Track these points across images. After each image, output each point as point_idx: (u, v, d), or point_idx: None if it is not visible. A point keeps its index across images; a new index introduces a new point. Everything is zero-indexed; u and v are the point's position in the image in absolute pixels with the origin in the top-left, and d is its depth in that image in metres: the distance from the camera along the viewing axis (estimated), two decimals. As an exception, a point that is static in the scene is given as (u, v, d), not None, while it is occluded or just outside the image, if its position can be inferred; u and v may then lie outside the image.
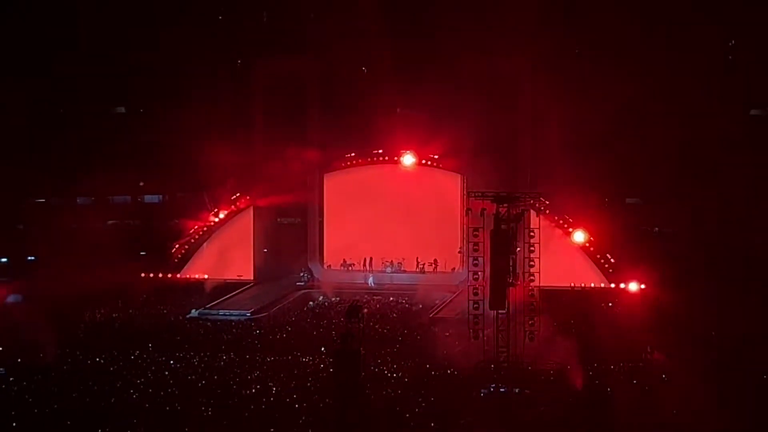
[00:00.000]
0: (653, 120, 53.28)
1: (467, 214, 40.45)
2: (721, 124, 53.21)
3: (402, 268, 55.79)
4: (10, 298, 48.42)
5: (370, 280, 54.72)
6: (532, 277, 38.38)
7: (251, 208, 56.48)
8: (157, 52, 54.52)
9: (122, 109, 59.03)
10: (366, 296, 51.21)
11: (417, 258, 55.64)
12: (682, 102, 52.78)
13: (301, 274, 55.08)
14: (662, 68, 52.97)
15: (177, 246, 55.71)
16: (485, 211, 37.69)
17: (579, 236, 53.00)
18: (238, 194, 56.21)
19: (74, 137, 54.62)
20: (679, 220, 53.83)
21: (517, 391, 35.01)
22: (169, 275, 54.69)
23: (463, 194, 53.31)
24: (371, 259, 55.76)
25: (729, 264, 49.89)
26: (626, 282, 51.17)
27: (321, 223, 57.18)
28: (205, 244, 56.33)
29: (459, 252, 53.46)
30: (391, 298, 51.31)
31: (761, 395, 34.51)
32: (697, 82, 52.69)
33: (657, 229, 55.24)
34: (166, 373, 37.51)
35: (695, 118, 53.02)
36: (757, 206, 52.08)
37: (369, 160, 56.47)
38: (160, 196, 59.22)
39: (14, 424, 31.48)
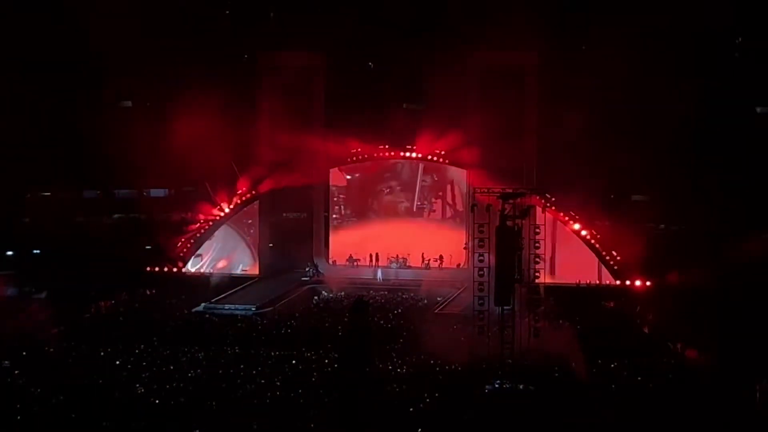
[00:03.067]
0: (659, 117, 53.13)
1: (473, 210, 40.39)
2: (728, 121, 53.13)
3: (407, 264, 55.79)
4: (9, 292, 48.47)
5: (379, 274, 54.68)
6: (537, 274, 38.43)
7: (257, 202, 56.53)
8: (163, 46, 54.41)
9: (129, 103, 59.00)
10: (371, 292, 51.19)
11: (422, 254, 55.60)
12: (688, 99, 52.62)
13: (307, 269, 55.05)
14: (669, 65, 52.81)
15: (183, 240, 55.76)
16: (491, 207, 37.68)
17: (584, 233, 52.99)
18: (243, 189, 56.25)
19: (80, 130, 54.51)
20: (684, 217, 53.73)
21: (521, 387, 34.99)
22: (175, 269, 54.73)
23: (469, 190, 53.29)
24: (377, 254, 55.75)
25: (735, 261, 49.79)
26: (631, 279, 51.21)
27: (327, 218, 57.21)
28: (210, 238, 56.44)
29: (465, 248, 53.47)
30: (396, 294, 51.28)
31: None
32: (703, 79, 52.58)
33: (663, 226, 55.15)
34: (171, 366, 37.53)
35: (701, 116, 52.89)
36: (764, 204, 51.97)
37: (375, 154, 56.44)
38: (166, 190, 59.17)
39: (19, 417, 31.54)
